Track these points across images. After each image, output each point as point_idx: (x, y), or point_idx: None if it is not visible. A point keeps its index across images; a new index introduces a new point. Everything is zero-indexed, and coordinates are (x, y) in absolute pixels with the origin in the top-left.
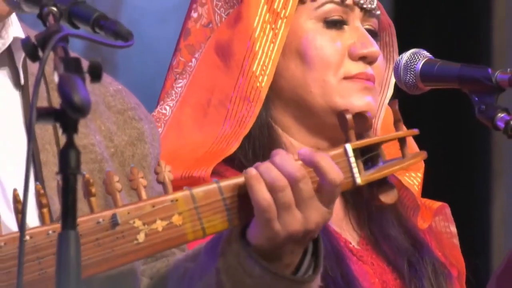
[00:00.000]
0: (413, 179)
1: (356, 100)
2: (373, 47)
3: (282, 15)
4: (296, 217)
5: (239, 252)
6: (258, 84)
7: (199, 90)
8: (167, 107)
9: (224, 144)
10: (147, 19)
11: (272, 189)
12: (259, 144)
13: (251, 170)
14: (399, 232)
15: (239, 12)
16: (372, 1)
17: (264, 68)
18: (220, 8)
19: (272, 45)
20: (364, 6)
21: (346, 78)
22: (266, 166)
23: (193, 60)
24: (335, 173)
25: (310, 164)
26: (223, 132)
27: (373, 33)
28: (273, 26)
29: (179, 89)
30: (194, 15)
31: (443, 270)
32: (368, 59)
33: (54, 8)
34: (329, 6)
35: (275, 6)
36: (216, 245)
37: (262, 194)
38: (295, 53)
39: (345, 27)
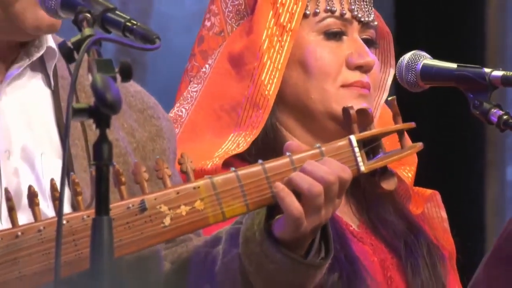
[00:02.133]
0: (408, 172)
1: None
2: (368, 57)
3: (287, 29)
4: (321, 214)
5: (263, 241)
6: (266, 92)
7: (212, 95)
8: (183, 110)
9: (234, 146)
10: (173, 24)
11: (309, 196)
12: (262, 143)
13: (279, 185)
14: (395, 217)
15: (250, 25)
16: (369, 14)
17: (272, 77)
18: (231, 19)
19: (278, 56)
20: (362, 19)
21: (343, 86)
22: (300, 176)
23: (207, 66)
24: (347, 172)
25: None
26: (234, 136)
27: (371, 42)
28: (280, 38)
29: (194, 93)
30: (208, 24)
31: (436, 252)
32: (364, 68)
33: (88, 15)
34: (330, 20)
35: (282, 20)
36: (236, 234)
37: (294, 204)
38: (298, 63)
39: (344, 38)
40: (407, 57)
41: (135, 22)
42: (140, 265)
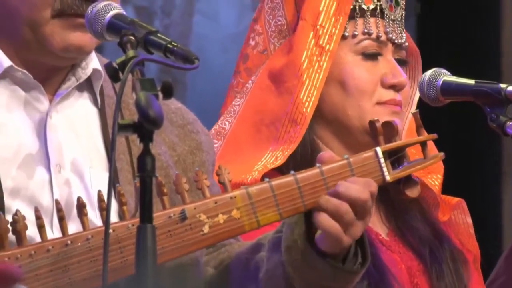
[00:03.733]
0: (434, 180)
1: None
2: (401, 77)
3: (326, 49)
4: (359, 225)
5: (305, 249)
6: (304, 110)
7: (253, 109)
8: (227, 123)
9: (272, 159)
10: (211, 46)
11: (337, 215)
12: (300, 157)
13: (315, 213)
14: (422, 225)
15: (291, 44)
16: (402, 36)
17: (310, 95)
18: (274, 38)
19: (317, 75)
20: (396, 41)
21: (378, 103)
22: (325, 199)
23: (250, 82)
24: (373, 185)
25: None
26: (272, 150)
27: (403, 62)
28: (319, 58)
29: (237, 107)
30: (252, 43)
31: (460, 257)
32: (397, 87)
33: (132, 37)
34: (367, 42)
35: (321, 42)
36: (278, 242)
37: (328, 223)
38: (336, 81)
39: (380, 58)
40: (428, 74)
41: (175, 44)
42: (181, 271)
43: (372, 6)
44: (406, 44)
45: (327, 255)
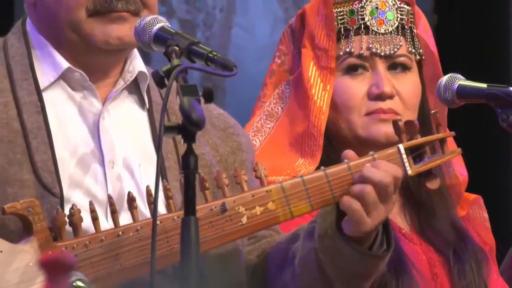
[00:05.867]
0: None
1: (374, 131)
2: (385, 87)
3: (326, 67)
4: (382, 209)
5: (334, 236)
6: (318, 123)
7: (284, 130)
8: (257, 140)
9: (301, 169)
10: (248, 55)
11: (368, 200)
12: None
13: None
14: (446, 227)
15: (300, 72)
16: (393, 47)
17: (320, 109)
18: (297, 60)
19: (324, 92)
20: (382, 53)
21: (366, 114)
22: (359, 185)
23: (279, 108)
24: (399, 171)
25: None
26: (300, 162)
27: (403, 66)
28: (322, 78)
29: (268, 129)
30: (278, 61)
31: (481, 255)
32: (382, 97)
33: (176, 47)
34: (349, 60)
35: (321, 62)
36: (312, 232)
37: (352, 203)
38: (332, 99)
39: (366, 73)
40: (444, 79)
41: (216, 53)
42: (224, 259)
43: (356, 26)
44: (402, 53)
45: (352, 240)
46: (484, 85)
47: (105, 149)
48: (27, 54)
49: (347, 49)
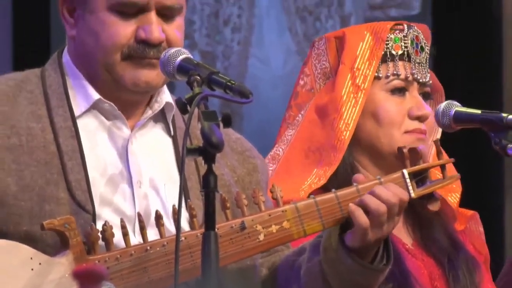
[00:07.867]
0: (454, 198)
1: None
2: (425, 110)
3: (361, 88)
4: (384, 228)
5: (338, 249)
6: (342, 137)
7: (303, 139)
8: (280, 149)
9: (316, 180)
10: (263, 84)
11: (376, 213)
12: (342, 178)
13: (352, 205)
14: (442, 237)
15: (333, 84)
16: (426, 76)
17: (347, 125)
18: (319, 79)
19: (354, 109)
20: (420, 80)
21: (406, 132)
22: (369, 198)
23: (300, 115)
24: (405, 195)
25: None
26: (317, 172)
27: (427, 96)
28: (355, 95)
29: (289, 136)
30: (301, 82)
31: (474, 263)
32: (422, 118)
33: (198, 77)
34: (396, 81)
35: (357, 81)
36: (317, 245)
37: (362, 219)
38: (370, 114)
39: (406, 94)
40: (442, 105)
41: (234, 82)
42: (242, 273)
43: (400, 52)
44: (430, 82)
45: (354, 253)
46: (478, 111)
47: (133, 171)
48: (62, 84)
49: (395, 72)
